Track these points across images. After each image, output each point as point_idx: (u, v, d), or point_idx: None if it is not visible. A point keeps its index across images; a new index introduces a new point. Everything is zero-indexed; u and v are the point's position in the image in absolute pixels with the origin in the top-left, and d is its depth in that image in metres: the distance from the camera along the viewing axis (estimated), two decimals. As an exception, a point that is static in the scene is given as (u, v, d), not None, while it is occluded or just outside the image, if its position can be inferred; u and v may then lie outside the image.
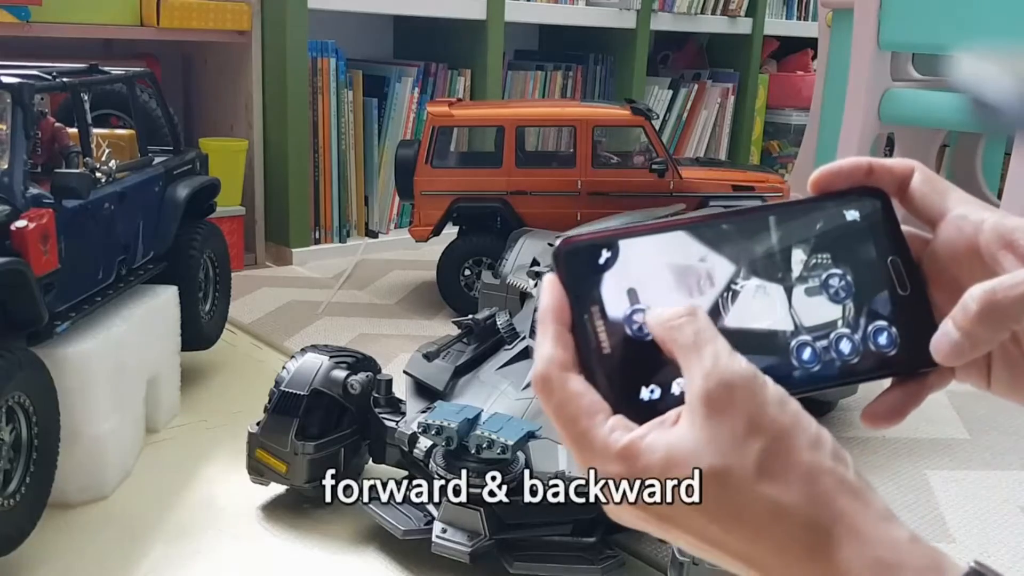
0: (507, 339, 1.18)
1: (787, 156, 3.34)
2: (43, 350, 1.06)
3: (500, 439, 0.94)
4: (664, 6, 2.92)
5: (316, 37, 2.23)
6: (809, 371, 0.38)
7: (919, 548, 0.33)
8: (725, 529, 0.34)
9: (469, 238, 1.90)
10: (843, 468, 0.34)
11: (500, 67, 2.55)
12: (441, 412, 0.98)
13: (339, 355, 1.14)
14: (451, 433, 0.95)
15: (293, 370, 1.11)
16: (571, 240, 0.38)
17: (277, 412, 1.09)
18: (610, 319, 0.37)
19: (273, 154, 2.23)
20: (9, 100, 1.06)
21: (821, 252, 0.39)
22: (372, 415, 1.11)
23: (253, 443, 1.11)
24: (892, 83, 2.00)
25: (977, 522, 1.16)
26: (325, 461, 1.09)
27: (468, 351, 1.18)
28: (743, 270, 0.38)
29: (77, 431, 1.09)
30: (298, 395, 1.09)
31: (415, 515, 1.02)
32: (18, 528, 0.98)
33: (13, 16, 1.80)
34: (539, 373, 0.36)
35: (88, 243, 1.16)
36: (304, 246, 2.27)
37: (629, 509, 0.35)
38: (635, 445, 0.34)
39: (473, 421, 0.97)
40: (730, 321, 0.38)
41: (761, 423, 0.33)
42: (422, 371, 1.14)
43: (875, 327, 0.39)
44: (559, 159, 2.04)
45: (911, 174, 0.41)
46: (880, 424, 0.41)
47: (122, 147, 1.43)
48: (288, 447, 1.08)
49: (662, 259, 0.38)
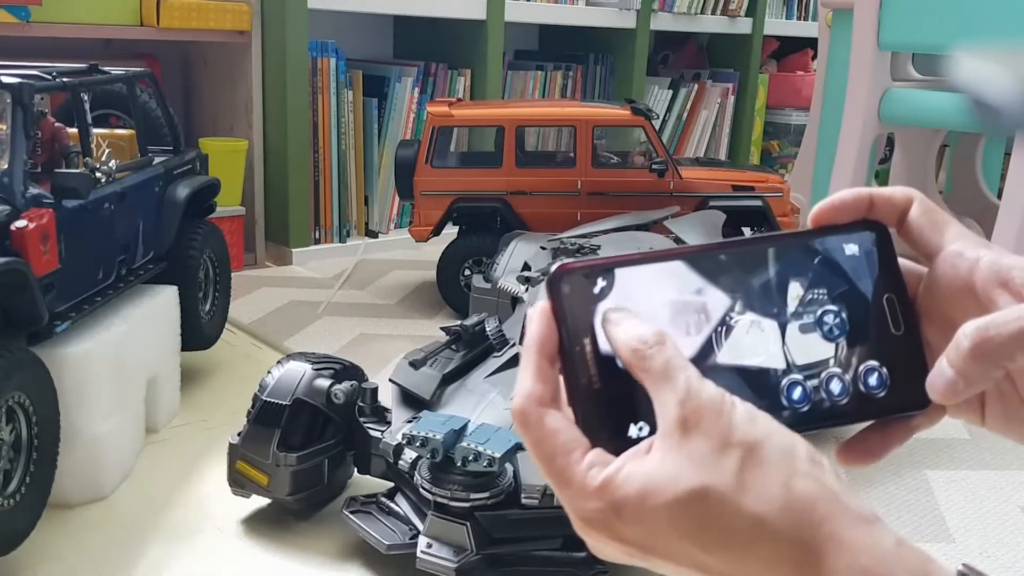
0: (496, 346, 1.15)
1: (787, 156, 3.34)
2: (43, 350, 1.06)
3: (487, 451, 0.91)
4: (664, 6, 2.92)
5: (316, 37, 2.23)
6: (798, 411, 0.38)
7: (906, 553, 0.33)
8: (710, 553, 0.33)
9: (469, 238, 1.90)
10: (819, 471, 0.34)
11: (500, 67, 2.55)
12: (426, 423, 0.95)
13: (323, 363, 1.11)
14: (436, 445, 0.92)
15: (275, 379, 1.08)
16: (566, 267, 0.37)
17: (258, 422, 1.06)
18: (602, 353, 0.36)
19: (273, 154, 2.23)
20: (9, 100, 1.06)
21: (817, 287, 0.39)
22: (357, 425, 1.08)
23: (234, 454, 1.08)
24: (892, 83, 2.00)
25: (977, 522, 1.16)
26: (308, 473, 1.06)
27: (456, 358, 1.15)
28: (739, 304, 0.38)
29: (77, 431, 1.09)
30: (280, 405, 1.06)
31: (400, 528, 0.99)
32: (18, 528, 0.98)
33: (13, 16, 1.80)
34: (517, 409, 0.36)
35: (88, 243, 1.16)
36: (304, 246, 2.27)
37: (612, 544, 0.35)
38: (610, 482, 0.34)
39: (459, 432, 0.94)
40: (723, 357, 0.37)
41: (732, 438, 0.33)
42: (408, 379, 1.10)
43: (866, 367, 0.38)
44: (559, 159, 2.04)
45: (910, 205, 0.40)
46: (855, 463, 0.40)
47: (122, 147, 1.43)
48: (270, 458, 1.05)
49: (658, 290, 0.37)
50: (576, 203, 1.88)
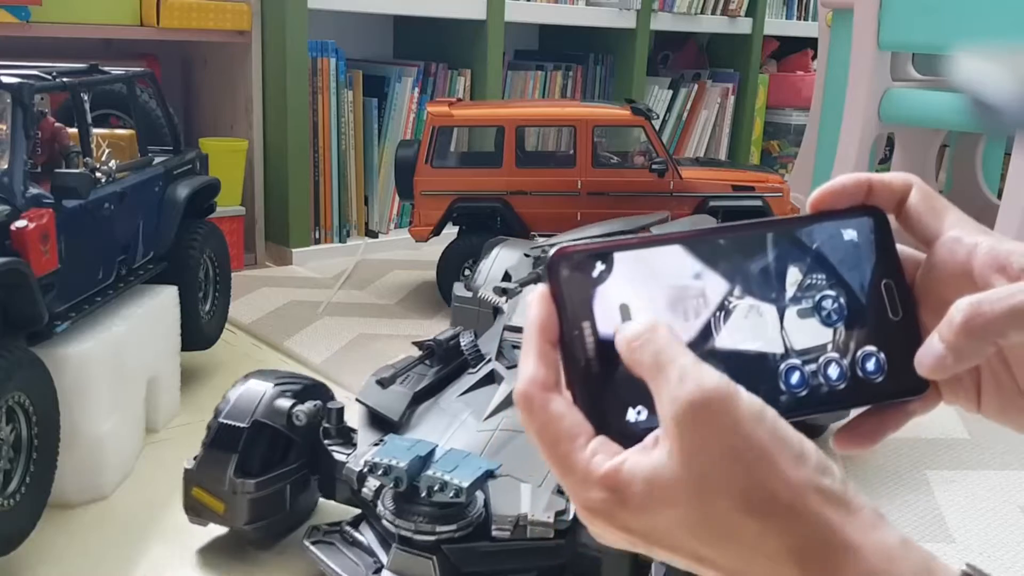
0: (471, 362, 1.09)
1: (787, 156, 3.34)
2: (43, 350, 1.06)
3: (454, 481, 0.85)
4: (664, 6, 2.92)
5: (316, 37, 2.23)
6: (796, 396, 0.37)
7: (910, 552, 0.33)
8: (716, 549, 0.33)
9: (469, 238, 1.90)
10: (829, 480, 0.33)
11: (500, 67, 2.55)
12: (390, 449, 0.89)
13: (286, 382, 1.04)
14: (400, 473, 0.86)
15: (233, 399, 1.02)
16: (565, 250, 0.37)
17: (214, 446, 1.00)
18: (601, 336, 0.36)
19: (273, 154, 2.23)
20: (9, 100, 1.06)
21: (816, 272, 0.39)
22: (321, 448, 1.02)
23: (189, 480, 1.01)
24: (892, 83, 2.00)
25: (977, 522, 1.16)
26: (268, 500, 1.00)
27: (429, 375, 1.08)
28: (737, 288, 0.38)
29: (77, 431, 1.09)
30: (237, 427, 0.99)
31: (364, 561, 0.93)
32: (18, 528, 0.98)
33: (13, 16, 1.80)
34: (520, 393, 0.36)
35: (88, 243, 1.16)
36: (304, 246, 2.27)
37: (614, 532, 0.35)
38: (616, 473, 0.34)
39: (426, 459, 0.88)
40: (721, 341, 0.37)
41: (737, 445, 0.32)
42: (375, 399, 1.03)
43: (864, 352, 0.38)
44: (559, 159, 2.04)
45: (909, 191, 0.40)
46: (852, 448, 0.40)
47: (122, 147, 1.43)
48: (226, 485, 0.98)
49: (657, 274, 0.37)
50: (576, 203, 1.89)
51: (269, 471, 1.00)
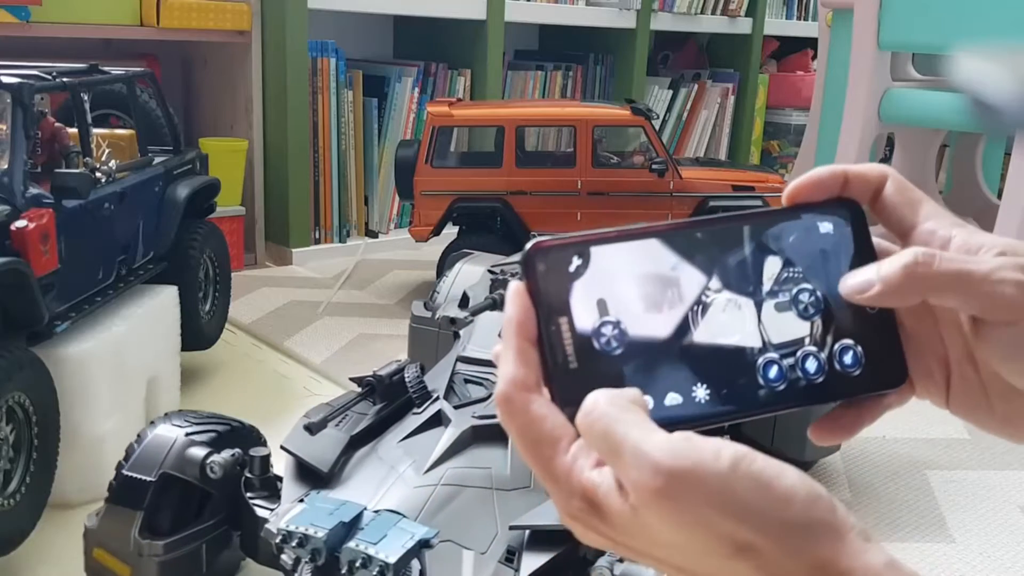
0: (416, 400, 0.96)
1: (787, 156, 3.34)
2: (43, 350, 1.06)
3: (379, 555, 0.73)
4: (664, 6, 2.92)
5: (316, 37, 2.23)
6: (774, 390, 0.37)
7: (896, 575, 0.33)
8: (699, 566, 0.33)
9: (469, 238, 1.90)
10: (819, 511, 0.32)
11: (500, 67, 2.55)
12: (309, 513, 0.77)
13: (203, 426, 0.93)
14: (318, 544, 0.74)
15: (140, 447, 0.91)
16: (541, 245, 0.36)
17: (117, 501, 0.89)
18: (578, 331, 0.36)
19: (273, 154, 2.23)
20: (9, 100, 1.06)
21: (793, 265, 0.38)
22: (243, 501, 0.90)
23: (90, 540, 0.91)
24: (892, 83, 2.00)
25: (977, 522, 1.16)
26: (181, 562, 0.88)
27: (370, 414, 0.95)
28: (715, 282, 0.37)
29: (77, 431, 1.09)
30: (143, 480, 0.88)
31: None
32: (18, 528, 0.98)
33: (13, 16, 1.80)
34: (500, 394, 0.35)
35: (88, 243, 1.16)
36: (304, 246, 2.27)
37: (595, 537, 0.35)
38: (593, 493, 0.33)
39: (350, 525, 0.76)
40: (699, 336, 0.37)
41: (711, 512, 0.31)
42: (303, 447, 0.89)
43: (841, 346, 0.38)
44: (559, 159, 2.04)
45: (884, 182, 0.40)
46: (829, 440, 0.40)
47: (122, 147, 1.43)
48: (131, 546, 0.87)
49: (634, 268, 0.37)
50: (576, 203, 1.89)
51: (181, 529, 0.89)
